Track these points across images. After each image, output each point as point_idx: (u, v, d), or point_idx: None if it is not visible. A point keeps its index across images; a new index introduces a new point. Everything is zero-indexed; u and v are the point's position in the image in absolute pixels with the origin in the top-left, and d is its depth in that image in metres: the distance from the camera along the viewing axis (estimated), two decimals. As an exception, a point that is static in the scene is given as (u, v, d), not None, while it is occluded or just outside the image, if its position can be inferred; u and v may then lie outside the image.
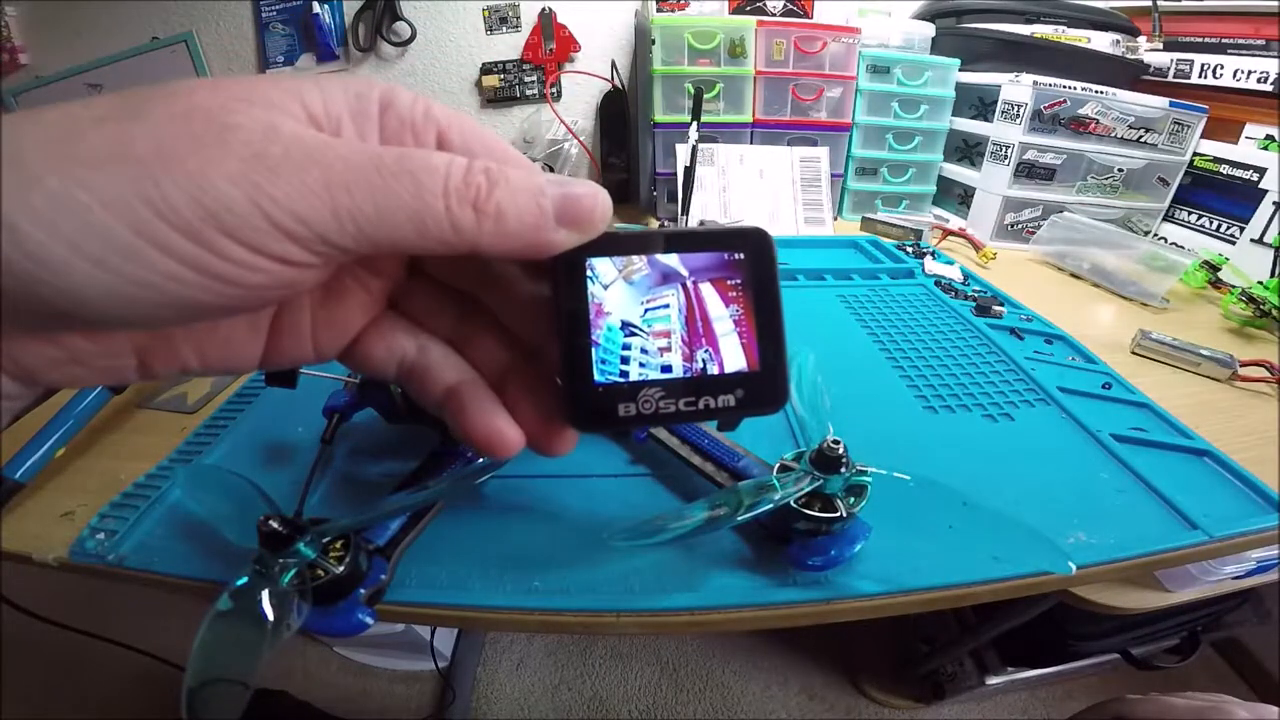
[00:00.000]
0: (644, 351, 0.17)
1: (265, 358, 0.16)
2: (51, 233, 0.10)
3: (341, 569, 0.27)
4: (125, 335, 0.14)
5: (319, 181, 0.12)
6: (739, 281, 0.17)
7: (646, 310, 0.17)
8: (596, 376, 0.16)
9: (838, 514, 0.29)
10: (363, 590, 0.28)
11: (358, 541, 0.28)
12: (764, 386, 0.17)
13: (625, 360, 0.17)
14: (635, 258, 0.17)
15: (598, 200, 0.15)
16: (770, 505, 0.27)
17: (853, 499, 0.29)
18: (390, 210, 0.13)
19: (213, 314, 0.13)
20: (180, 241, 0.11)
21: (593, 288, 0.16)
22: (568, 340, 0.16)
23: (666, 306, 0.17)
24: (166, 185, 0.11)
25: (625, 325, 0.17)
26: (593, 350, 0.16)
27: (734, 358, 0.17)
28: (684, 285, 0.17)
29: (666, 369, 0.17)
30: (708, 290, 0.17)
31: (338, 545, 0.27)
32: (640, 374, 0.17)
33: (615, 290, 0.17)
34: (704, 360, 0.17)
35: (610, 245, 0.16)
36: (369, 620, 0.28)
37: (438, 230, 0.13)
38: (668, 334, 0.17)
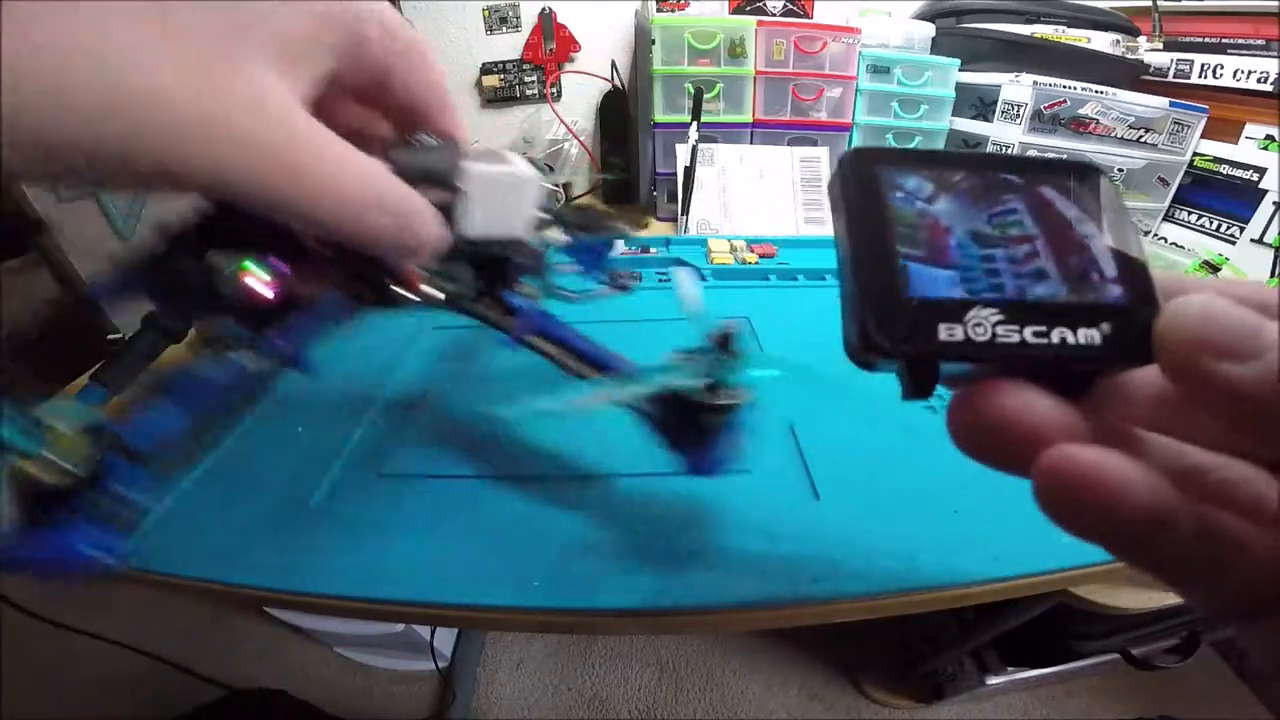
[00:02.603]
0: (1012, 260, 0.13)
1: None
2: None
3: (67, 473, 0.18)
4: None
5: None
6: (1079, 211, 0.14)
7: (992, 217, 0.14)
8: (911, 288, 0.13)
9: (735, 400, 0.26)
10: (98, 508, 0.19)
11: (107, 438, 0.20)
12: (1135, 326, 0.12)
13: (993, 273, 0.13)
14: (953, 174, 0.14)
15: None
16: (679, 381, 0.26)
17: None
18: None
19: None
20: None
21: (903, 203, 0.13)
22: (867, 247, 0.13)
23: (1015, 210, 0.14)
24: None
25: (976, 236, 0.13)
26: (898, 262, 0.13)
27: (1097, 285, 0.13)
28: (1026, 193, 0.14)
29: (1041, 275, 0.13)
30: (1055, 197, 0.14)
31: (71, 438, 0.19)
32: (990, 280, 0.13)
33: (941, 204, 0.14)
34: (1082, 269, 0.13)
35: (905, 159, 0.14)
36: (100, 553, 0.19)
37: None
38: (1030, 239, 0.13)
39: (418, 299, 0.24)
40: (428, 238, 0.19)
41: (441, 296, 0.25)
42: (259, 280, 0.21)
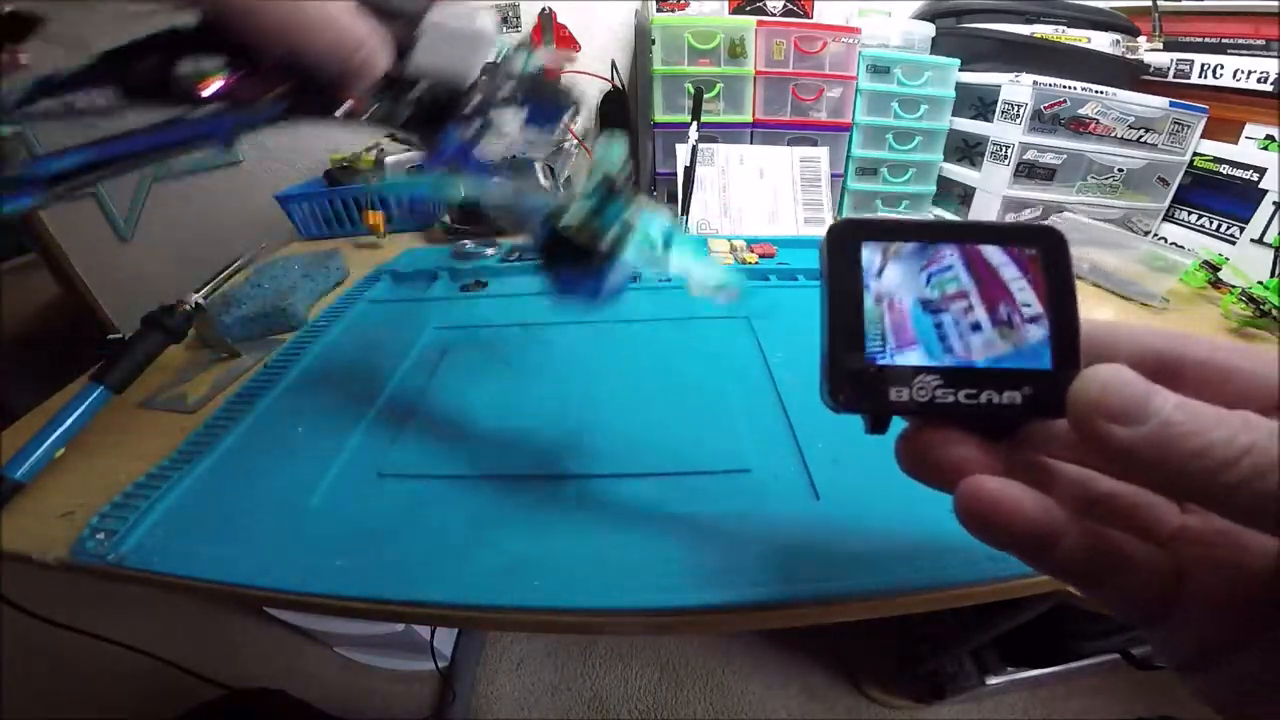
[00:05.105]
0: (955, 323, 0.16)
1: None
2: None
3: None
4: None
5: None
6: (1030, 279, 0.16)
7: (930, 276, 0.16)
8: (868, 355, 0.16)
9: (606, 241, 0.29)
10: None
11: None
12: (1053, 388, 0.15)
13: (942, 337, 0.16)
14: (924, 242, 0.16)
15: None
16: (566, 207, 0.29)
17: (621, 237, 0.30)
18: None
19: None
20: None
21: (867, 269, 0.16)
22: (838, 317, 0.16)
23: (950, 268, 0.16)
24: None
25: (923, 303, 0.16)
26: (865, 329, 0.16)
27: (1027, 348, 0.16)
28: (961, 250, 0.16)
29: (976, 327, 0.16)
30: (994, 263, 0.16)
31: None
32: (948, 349, 0.16)
33: (890, 272, 0.16)
34: (1007, 313, 0.16)
35: (887, 231, 0.16)
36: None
37: None
38: (964, 295, 0.16)
39: (357, 112, 0.26)
40: (370, 62, 0.22)
41: (380, 115, 0.27)
42: (217, 79, 0.25)
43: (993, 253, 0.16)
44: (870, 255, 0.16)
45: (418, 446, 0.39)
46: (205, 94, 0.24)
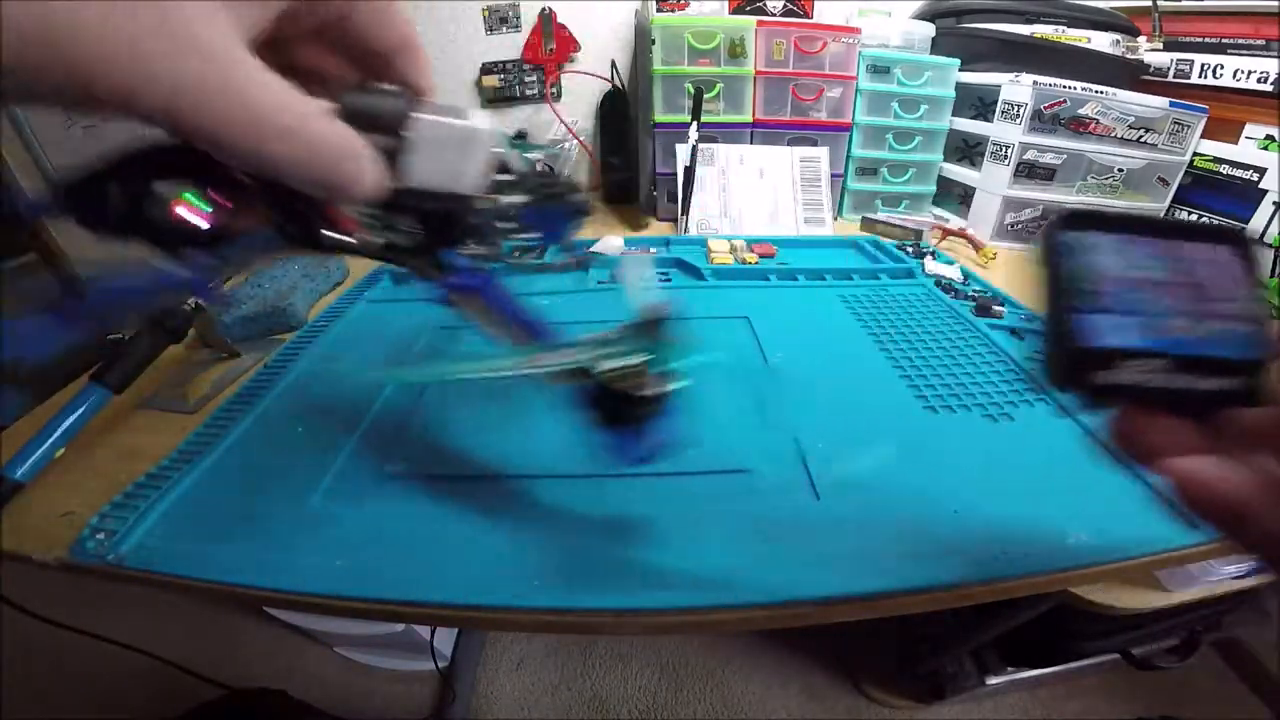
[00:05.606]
0: (1155, 311, 0.17)
1: None
2: None
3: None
4: None
5: None
6: (1229, 274, 0.18)
7: (1141, 268, 0.18)
8: (1079, 340, 0.17)
9: (659, 390, 0.27)
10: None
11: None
12: (1249, 377, 0.17)
13: (1137, 321, 0.17)
14: (1131, 235, 0.18)
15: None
16: (606, 363, 0.26)
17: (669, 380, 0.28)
18: None
19: None
20: None
21: (1086, 265, 0.18)
22: (1057, 304, 0.17)
23: (1158, 261, 0.18)
24: None
25: (1136, 293, 0.17)
26: (1075, 315, 0.17)
27: (1228, 338, 0.17)
28: (1166, 245, 0.18)
29: (1185, 316, 0.17)
30: (1198, 258, 0.18)
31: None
32: (1145, 334, 0.17)
33: (1104, 263, 0.18)
34: (1219, 322, 0.17)
35: (1100, 223, 0.18)
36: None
37: None
38: (1173, 286, 0.17)
39: (350, 241, 0.23)
40: (358, 179, 0.19)
41: (379, 243, 0.23)
42: (192, 210, 0.20)
43: (1196, 248, 0.18)
44: (1086, 246, 0.18)
45: (417, 446, 0.39)
46: (195, 227, 0.20)
